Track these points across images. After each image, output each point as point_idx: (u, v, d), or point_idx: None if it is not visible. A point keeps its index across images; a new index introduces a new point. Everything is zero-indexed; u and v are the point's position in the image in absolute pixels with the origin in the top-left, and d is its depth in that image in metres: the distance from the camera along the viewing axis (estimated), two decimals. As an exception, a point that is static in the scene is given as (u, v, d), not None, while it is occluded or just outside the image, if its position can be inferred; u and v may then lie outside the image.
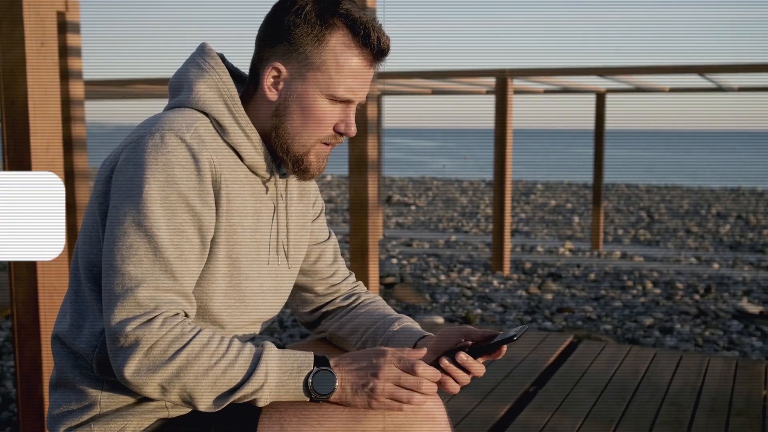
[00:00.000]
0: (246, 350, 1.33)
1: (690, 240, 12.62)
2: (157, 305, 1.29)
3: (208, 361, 1.29)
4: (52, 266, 2.64)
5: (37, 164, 2.57)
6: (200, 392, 1.30)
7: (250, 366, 1.32)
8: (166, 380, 1.28)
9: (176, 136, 1.35)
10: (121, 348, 1.28)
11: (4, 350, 5.08)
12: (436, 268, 9.05)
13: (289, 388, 1.34)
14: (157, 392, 1.30)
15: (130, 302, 1.28)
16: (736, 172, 40.59)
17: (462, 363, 1.44)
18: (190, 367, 1.28)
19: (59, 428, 1.44)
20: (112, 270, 1.30)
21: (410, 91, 11.32)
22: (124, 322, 1.27)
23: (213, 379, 1.29)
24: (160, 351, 1.28)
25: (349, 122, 1.48)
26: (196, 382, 1.29)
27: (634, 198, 20.62)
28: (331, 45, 1.42)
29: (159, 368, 1.27)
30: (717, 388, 3.69)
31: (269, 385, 1.32)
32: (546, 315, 6.42)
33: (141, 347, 1.27)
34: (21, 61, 2.51)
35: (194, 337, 1.30)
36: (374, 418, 1.36)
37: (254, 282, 1.49)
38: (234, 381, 1.31)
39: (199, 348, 1.29)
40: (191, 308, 1.36)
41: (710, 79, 8.91)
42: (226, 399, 1.31)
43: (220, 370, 1.30)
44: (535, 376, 3.89)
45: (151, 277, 1.30)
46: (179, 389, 1.29)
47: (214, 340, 1.32)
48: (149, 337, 1.27)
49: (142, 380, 1.28)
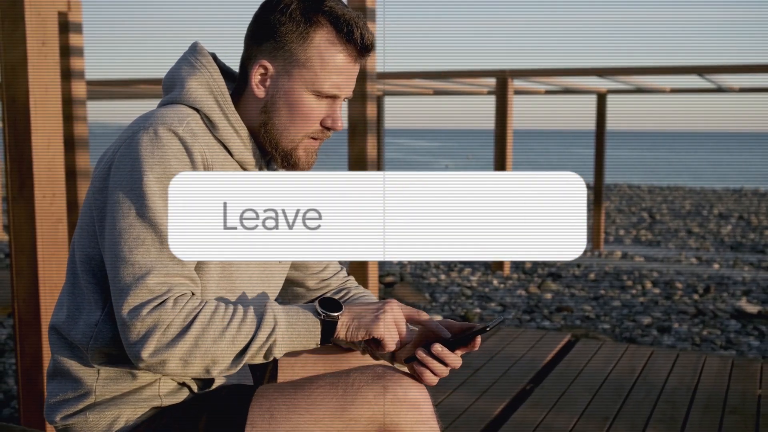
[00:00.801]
0: (252, 308, 1.39)
1: (691, 240, 12.64)
2: (169, 288, 1.34)
3: (221, 323, 1.34)
4: (52, 262, 2.67)
5: (38, 161, 2.61)
6: (221, 353, 1.34)
7: (258, 316, 1.38)
8: (186, 351, 1.32)
9: (169, 129, 1.39)
10: (137, 334, 1.32)
11: (6, 348, 5.11)
12: (436, 267, 9.08)
13: (299, 325, 1.40)
14: (179, 367, 1.34)
15: (143, 289, 1.32)
16: (738, 172, 40.58)
17: (437, 354, 1.48)
18: (206, 332, 1.33)
19: (56, 416, 1.48)
20: (121, 261, 1.34)
21: (412, 92, 11.35)
22: (139, 308, 1.31)
23: (230, 338, 1.34)
24: (176, 327, 1.32)
25: (335, 117, 1.52)
26: (216, 345, 1.33)
27: (636, 198, 20.63)
28: (315, 42, 1.46)
29: (177, 342, 1.32)
30: (712, 387, 3.72)
31: (280, 327, 1.38)
32: (545, 314, 6.45)
33: (158, 328, 1.31)
34: (22, 60, 2.55)
35: (203, 306, 1.35)
36: (360, 406, 1.39)
37: (244, 274, 1.53)
38: (249, 334, 1.36)
39: (210, 314, 1.34)
40: (198, 290, 1.41)
41: (710, 80, 8.93)
42: (244, 355, 1.36)
43: (234, 328, 1.35)
44: (531, 374, 3.92)
45: (160, 264, 1.34)
46: (201, 357, 1.33)
47: (221, 305, 1.37)
48: (165, 317, 1.31)
49: (162, 358, 1.32)
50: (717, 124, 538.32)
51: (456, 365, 1.50)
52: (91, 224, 1.44)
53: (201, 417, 1.44)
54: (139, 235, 1.34)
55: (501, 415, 3.37)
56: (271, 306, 1.39)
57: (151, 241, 1.34)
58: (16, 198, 2.64)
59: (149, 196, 1.35)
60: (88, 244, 1.44)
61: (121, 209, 1.35)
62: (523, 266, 9.15)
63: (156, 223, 1.34)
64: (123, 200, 1.36)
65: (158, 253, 1.34)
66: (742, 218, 16.07)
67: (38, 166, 2.61)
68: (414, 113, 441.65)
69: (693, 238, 13.01)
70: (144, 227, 1.34)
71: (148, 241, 1.34)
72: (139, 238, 1.34)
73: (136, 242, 1.34)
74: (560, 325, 6.01)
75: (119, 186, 1.37)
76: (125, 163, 1.37)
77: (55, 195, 2.67)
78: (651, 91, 10.70)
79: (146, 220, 1.34)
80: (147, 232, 1.34)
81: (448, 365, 1.49)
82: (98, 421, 1.46)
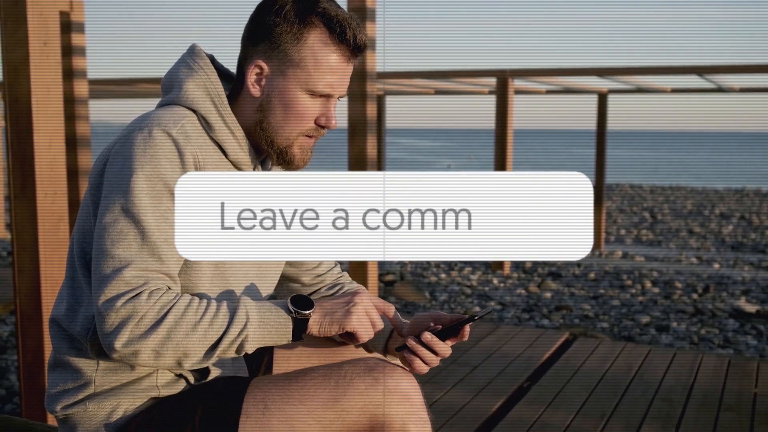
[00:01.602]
0: (225, 303, 1.42)
1: (692, 240, 12.66)
2: (145, 281, 1.37)
3: (194, 317, 1.37)
4: (54, 259, 2.70)
5: (40, 160, 2.64)
6: (193, 347, 1.37)
7: (231, 312, 1.40)
8: (158, 343, 1.35)
9: (163, 131, 1.42)
10: (111, 324, 1.34)
11: (8, 345, 5.15)
12: (436, 266, 9.11)
13: (270, 322, 1.42)
14: (151, 359, 1.37)
15: (119, 282, 1.35)
16: (740, 172, 40.56)
17: (427, 342, 1.53)
18: (179, 325, 1.35)
19: (56, 406, 1.52)
20: (102, 254, 1.38)
21: (413, 91, 11.37)
22: (114, 299, 1.34)
23: (202, 331, 1.37)
24: (150, 319, 1.35)
25: (329, 116, 1.55)
26: (188, 338, 1.36)
27: (638, 198, 20.64)
28: (309, 42, 1.49)
29: (150, 333, 1.34)
30: (708, 385, 3.74)
31: (252, 324, 1.40)
32: (544, 313, 6.48)
33: (132, 319, 1.34)
34: (24, 60, 2.58)
35: (177, 300, 1.38)
36: (352, 398, 1.43)
37: (239, 271, 1.56)
38: (221, 329, 1.38)
39: (183, 307, 1.37)
40: (176, 287, 1.43)
41: (710, 80, 8.95)
42: (215, 350, 1.39)
43: (207, 322, 1.37)
44: (529, 372, 3.95)
45: (140, 259, 1.37)
46: (172, 349, 1.36)
47: (195, 300, 1.40)
48: (139, 309, 1.34)
49: (135, 349, 1.35)
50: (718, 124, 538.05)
51: (445, 354, 1.54)
52: (86, 220, 1.48)
53: (197, 407, 1.48)
54: (122, 230, 1.37)
55: (498, 413, 3.40)
56: (244, 302, 1.42)
57: (133, 237, 1.37)
58: (18, 196, 2.67)
59: (136, 193, 1.38)
60: (84, 239, 1.48)
61: (109, 204, 1.39)
62: (524, 266, 9.17)
63: (140, 219, 1.38)
64: (111, 196, 1.40)
65: (138, 248, 1.37)
66: (744, 218, 16.08)
67: (40, 166, 2.65)
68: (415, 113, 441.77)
69: (694, 237, 13.03)
70: (128, 222, 1.38)
71: (130, 236, 1.37)
72: (122, 232, 1.37)
73: (119, 236, 1.37)
74: (559, 324, 6.04)
75: (110, 182, 1.41)
76: (118, 161, 1.41)
77: (57, 194, 2.71)
78: (652, 91, 10.72)
79: (130, 215, 1.38)
80: (130, 227, 1.37)
81: (438, 354, 1.53)
82: (97, 410, 1.50)
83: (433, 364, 1.54)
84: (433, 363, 1.54)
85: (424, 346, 1.53)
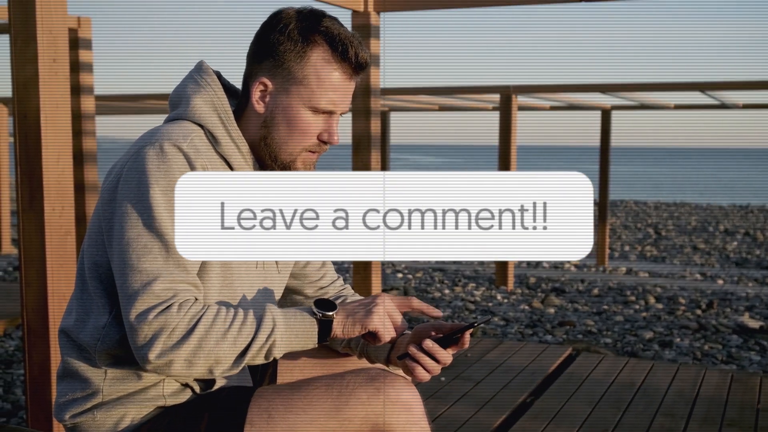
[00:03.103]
0: (252, 311, 1.46)
1: (696, 256, 12.65)
2: (174, 294, 1.41)
3: (223, 325, 1.41)
4: (61, 273, 2.73)
5: (48, 175, 2.68)
6: (223, 354, 1.41)
7: (258, 318, 1.44)
8: (191, 353, 1.39)
9: (174, 145, 1.46)
10: (144, 337, 1.39)
11: (14, 359, 5.18)
12: (440, 282, 9.13)
13: (296, 326, 1.46)
14: (184, 368, 1.41)
15: (149, 295, 1.39)
16: (745, 189, 40.51)
17: (428, 349, 1.56)
18: (209, 334, 1.40)
19: (65, 415, 1.55)
20: (129, 269, 1.41)
21: (417, 107, 11.43)
22: (146, 313, 1.39)
23: (232, 339, 1.41)
24: (181, 330, 1.39)
25: (331, 132, 1.59)
26: (218, 346, 1.40)
27: (642, 214, 20.64)
28: (312, 60, 1.53)
29: (182, 343, 1.38)
30: (711, 400, 3.75)
31: (279, 329, 1.44)
32: (547, 328, 6.48)
33: (164, 331, 1.38)
34: (34, 76, 2.62)
35: (206, 310, 1.42)
36: (354, 407, 1.46)
37: (245, 283, 1.60)
38: (250, 335, 1.42)
39: (212, 317, 1.41)
40: (201, 296, 1.48)
41: (713, 96, 8.98)
42: (245, 356, 1.43)
43: (236, 330, 1.42)
44: (532, 387, 3.96)
45: (166, 272, 1.41)
46: (204, 357, 1.40)
47: (222, 309, 1.45)
48: (170, 321, 1.38)
49: (168, 359, 1.39)
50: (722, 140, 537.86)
51: (446, 361, 1.57)
52: (99, 233, 1.51)
53: (203, 416, 1.51)
54: (146, 244, 1.41)
55: (500, 428, 3.41)
56: (270, 309, 1.46)
57: (158, 250, 1.41)
58: (26, 210, 2.71)
59: (155, 207, 1.42)
60: (95, 252, 1.52)
61: (130, 220, 1.43)
62: (527, 281, 9.18)
63: (162, 233, 1.42)
64: (131, 211, 1.43)
65: (164, 261, 1.41)
66: (748, 234, 16.07)
67: (48, 180, 2.68)
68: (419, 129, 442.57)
69: (698, 254, 13.02)
70: (151, 237, 1.41)
71: (155, 250, 1.41)
72: (146, 247, 1.41)
73: (144, 251, 1.41)
74: (562, 340, 6.04)
75: (127, 198, 1.44)
76: (133, 177, 1.45)
77: (64, 208, 2.74)
78: (655, 107, 10.76)
79: (153, 230, 1.42)
80: (154, 241, 1.41)
81: (439, 361, 1.56)
82: (105, 419, 1.53)
83: (434, 372, 1.57)
84: (434, 371, 1.56)
85: (425, 353, 1.56)
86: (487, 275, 9.66)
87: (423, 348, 1.55)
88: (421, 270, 10.09)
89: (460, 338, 1.58)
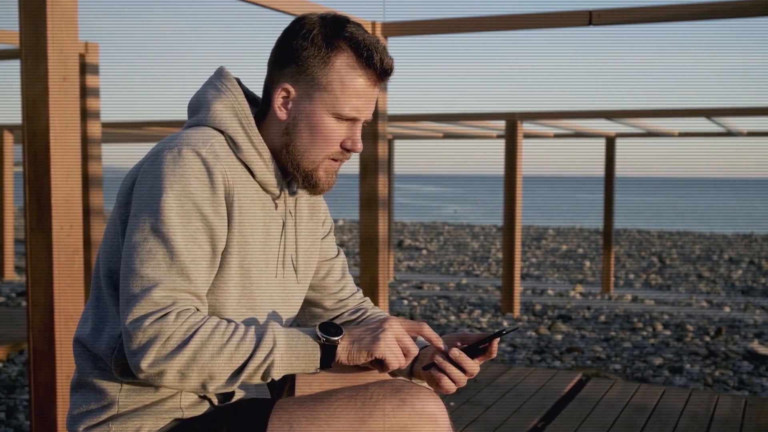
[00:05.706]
0: (253, 327, 1.41)
1: (702, 284, 12.58)
2: (173, 302, 1.36)
3: (220, 340, 1.36)
4: (68, 293, 2.70)
5: (57, 194, 2.66)
6: (218, 370, 1.36)
7: (258, 336, 1.39)
8: (184, 365, 1.34)
9: (193, 150, 1.43)
10: (138, 344, 1.34)
11: (17, 384, 5.12)
12: (446, 309, 9.06)
13: (298, 348, 1.41)
14: (176, 380, 1.36)
15: (148, 301, 1.35)
16: (749, 218, 40.47)
17: (455, 359, 1.51)
18: (205, 347, 1.35)
19: (79, 427, 1.50)
20: (131, 273, 1.38)
21: (422, 135, 11.44)
22: (142, 319, 1.34)
23: (228, 354, 1.36)
24: (176, 340, 1.34)
25: (355, 139, 1.56)
26: (213, 361, 1.35)
27: (646, 243, 20.58)
28: (336, 66, 1.51)
29: (176, 354, 1.34)
30: (726, 424, 3.69)
31: (279, 349, 1.39)
32: (555, 354, 6.42)
33: (158, 339, 1.34)
34: (44, 94, 2.61)
35: (205, 322, 1.37)
36: (379, 419, 1.41)
37: (264, 292, 1.56)
38: (247, 353, 1.37)
39: (210, 329, 1.36)
40: (204, 308, 1.43)
41: (718, 123, 8.98)
42: (240, 374, 1.37)
43: (233, 346, 1.36)
44: (543, 412, 3.90)
45: (168, 279, 1.37)
46: (198, 371, 1.35)
47: (223, 322, 1.40)
48: (166, 329, 1.34)
49: (160, 369, 1.34)
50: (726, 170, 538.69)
51: (474, 371, 1.52)
52: (114, 239, 1.48)
53: (221, 429, 1.46)
54: (151, 249, 1.38)
55: (512, 452, 3.35)
56: (272, 327, 1.41)
57: (162, 256, 1.37)
58: (34, 230, 2.68)
59: (166, 212, 1.39)
60: (110, 259, 1.48)
61: (138, 223, 1.40)
62: (533, 308, 9.12)
63: (169, 238, 1.38)
64: (141, 215, 1.40)
65: (167, 268, 1.37)
66: (753, 263, 16.00)
67: (56, 199, 2.66)
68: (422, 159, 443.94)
69: (703, 282, 12.95)
70: (157, 242, 1.38)
71: (159, 256, 1.37)
72: (150, 252, 1.38)
73: (148, 256, 1.37)
74: (571, 365, 5.98)
75: (139, 201, 1.41)
76: (148, 179, 1.42)
77: (73, 227, 2.72)
78: (660, 135, 10.76)
79: (160, 235, 1.38)
80: (159, 247, 1.38)
81: (467, 372, 1.51)
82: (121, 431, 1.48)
83: (461, 383, 1.52)
84: (461, 382, 1.51)
85: (452, 363, 1.51)
86: (493, 302, 9.61)
87: (450, 357, 1.51)
88: (426, 297, 10.04)
89: (487, 347, 1.53)
